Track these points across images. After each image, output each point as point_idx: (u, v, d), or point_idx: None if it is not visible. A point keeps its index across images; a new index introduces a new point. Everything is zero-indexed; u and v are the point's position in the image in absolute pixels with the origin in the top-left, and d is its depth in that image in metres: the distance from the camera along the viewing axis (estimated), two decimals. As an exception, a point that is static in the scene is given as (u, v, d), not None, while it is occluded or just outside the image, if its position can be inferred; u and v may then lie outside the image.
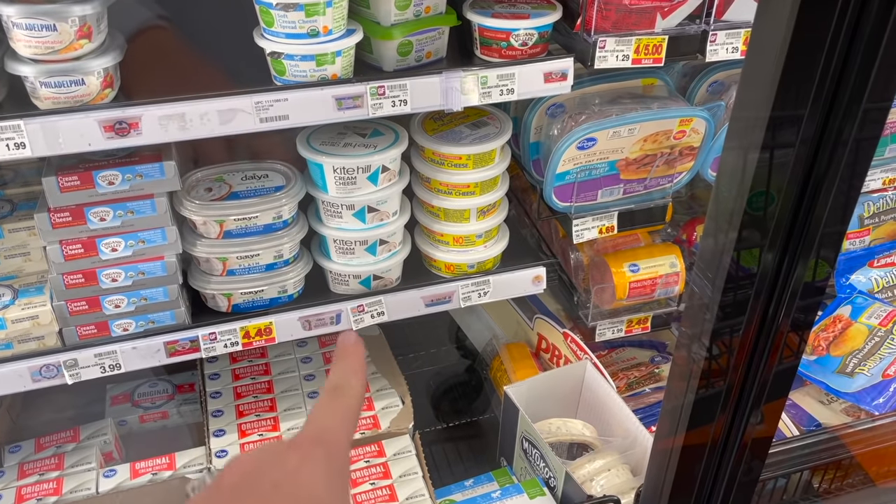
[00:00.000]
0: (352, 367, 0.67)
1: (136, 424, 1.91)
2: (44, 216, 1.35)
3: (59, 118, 1.22)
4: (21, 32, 1.19)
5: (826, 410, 1.79)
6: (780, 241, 0.87)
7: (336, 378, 0.66)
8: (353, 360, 0.68)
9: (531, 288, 1.73)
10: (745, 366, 0.97)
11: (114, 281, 1.42)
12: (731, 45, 1.45)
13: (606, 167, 1.60)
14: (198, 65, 1.45)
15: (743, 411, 1.01)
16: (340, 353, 0.69)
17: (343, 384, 0.66)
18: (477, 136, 1.55)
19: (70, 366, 1.44)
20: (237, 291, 1.52)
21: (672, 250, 1.81)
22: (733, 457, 1.06)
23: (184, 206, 1.44)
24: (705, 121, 1.57)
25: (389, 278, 1.64)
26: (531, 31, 1.41)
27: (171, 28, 1.49)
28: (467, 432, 2.04)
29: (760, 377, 0.98)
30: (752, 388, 0.99)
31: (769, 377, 0.99)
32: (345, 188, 1.48)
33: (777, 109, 0.78)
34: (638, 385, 1.94)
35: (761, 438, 1.06)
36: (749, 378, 0.98)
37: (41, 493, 1.54)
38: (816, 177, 0.84)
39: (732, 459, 1.07)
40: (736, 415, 1.02)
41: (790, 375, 1.01)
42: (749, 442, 1.05)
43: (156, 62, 1.41)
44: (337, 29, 1.31)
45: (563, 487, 1.51)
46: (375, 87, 1.34)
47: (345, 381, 0.66)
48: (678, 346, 1.02)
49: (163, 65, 1.42)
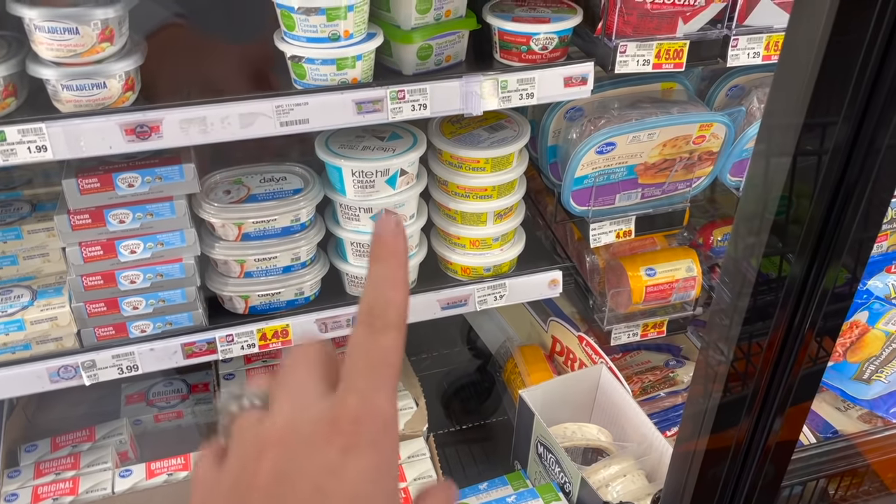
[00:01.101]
0: (391, 275, 0.47)
1: (151, 424, 1.91)
2: (63, 218, 1.35)
3: (80, 121, 1.22)
4: (43, 35, 1.19)
5: (843, 417, 1.78)
6: (809, 248, 0.87)
7: (371, 297, 0.46)
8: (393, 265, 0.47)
9: (547, 292, 1.72)
10: (772, 370, 0.97)
11: (132, 283, 1.42)
12: (753, 50, 1.45)
13: (625, 171, 1.59)
14: (218, 68, 1.45)
15: (768, 415, 1.01)
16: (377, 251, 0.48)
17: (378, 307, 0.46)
18: (495, 139, 1.55)
19: (88, 367, 1.45)
20: (254, 293, 1.52)
21: (689, 254, 1.80)
22: (756, 461, 1.06)
23: (202, 209, 1.44)
24: (725, 126, 1.56)
25: (406, 281, 1.64)
26: (551, 36, 1.40)
27: (191, 31, 1.49)
28: (480, 434, 2.03)
29: (786, 381, 0.98)
30: (777, 392, 0.99)
31: (795, 382, 0.98)
32: (363, 191, 1.48)
33: (810, 116, 0.78)
34: (653, 389, 1.93)
35: (785, 443, 1.05)
36: (775, 382, 0.98)
37: (57, 493, 1.54)
38: (848, 184, 0.83)
39: (755, 464, 1.06)
40: (760, 418, 1.01)
41: (816, 379, 1.01)
42: (773, 446, 1.04)
43: (176, 66, 1.41)
44: (358, 33, 1.31)
45: (578, 493, 1.51)
46: (395, 91, 1.33)
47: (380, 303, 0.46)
48: (703, 350, 1.01)
49: (183, 68, 1.42)
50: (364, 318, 0.46)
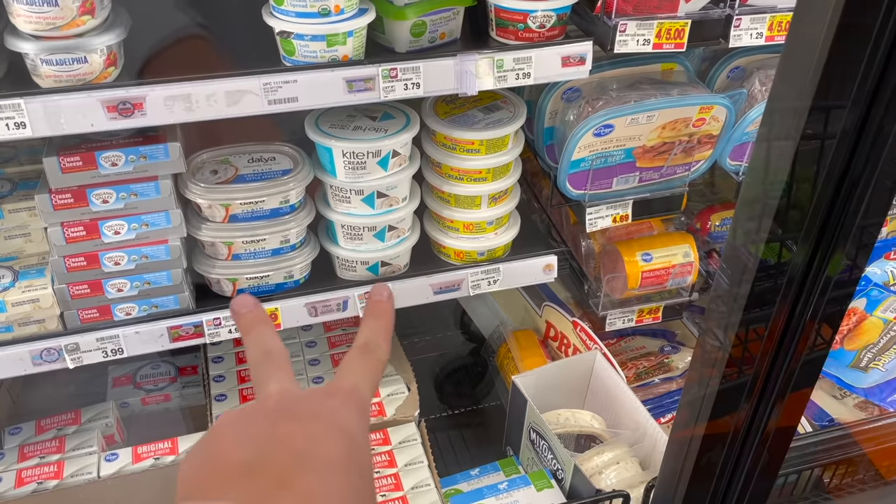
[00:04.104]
0: (382, 326, 0.69)
1: (138, 406, 1.88)
2: (45, 197, 1.31)
3: (60, 97, 1.18)
4: (21, 7, 1.14)
5: (839, 405, 1.77)
6: (813, 233, 0.84)
7: (367, 335, 0.68)
8: (384, 320, 0.69)
9: (542, 276, 1.70)
10: (773, 355, 0.95)
11: (116, 264, 1.39)
12: (756, 31, 1.41)
13: (623, 155, 1.56)
14: (204, 44, 1.40)
15: (768, 400, 0.99)
16: (372, 310, 0.70)
17: (372, 343, 0.67)
18: (490, 120, 1.51)
19: (71, 350, 1.41)
20: (242, 276, 1.49)
21: (686, 239, 1.77)
22: (755, 447, 1.04)
23: (189, 189, 1.40)
24: (726, 108, 1.52)
25: (398, 265, 1.61)
26: (549, 13, 1.36)
27: (176, 4, 1.45)
28: (472, 419, 2.02)
29: (788, 367, 0.96)
30: (778, 378, 0.97)
31: (796, 368, 0.97)
32: (354, 173, 1.44)
33: (818, 99, 0.75)
34: (647, 375, 1.91)
35: (784, 429, 1.04)
36: (775, 368, 0.97)
37: (42, 477, 1.51)
38: (854, 170, 0.80)
39: (754, 451, 1.04)
40: (760, 404, 1.00)
41: (818, 366, 0.99)
42: (772, 432, 1.03)
43: (160, 40, 1.37)
44: (349, 8, 1.26)
45: (570, 480, 1.49)
46: (388, 69, 1.29)
47: (374, 340, 0.67)
48: (703, 334, 0.99)
49: (168, 43, 1.37)
50: (360, 345, 0.67)
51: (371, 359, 0.66)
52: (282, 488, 0.51)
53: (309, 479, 0.52)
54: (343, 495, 0.53)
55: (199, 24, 1.43)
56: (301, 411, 0.58)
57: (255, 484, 0.51)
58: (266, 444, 0.54)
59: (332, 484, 0.53)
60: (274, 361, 0.64)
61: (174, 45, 1.38)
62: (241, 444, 0.55)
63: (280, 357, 0.64)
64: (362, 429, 0.60)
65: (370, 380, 0.65)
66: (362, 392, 0.63)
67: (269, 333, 0.66)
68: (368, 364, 0.66)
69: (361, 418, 0.60)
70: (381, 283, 0.76)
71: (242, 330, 0.67)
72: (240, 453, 0.54)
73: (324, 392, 0.61)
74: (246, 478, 0.52)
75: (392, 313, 0.70)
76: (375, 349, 0.67)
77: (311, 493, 0.51)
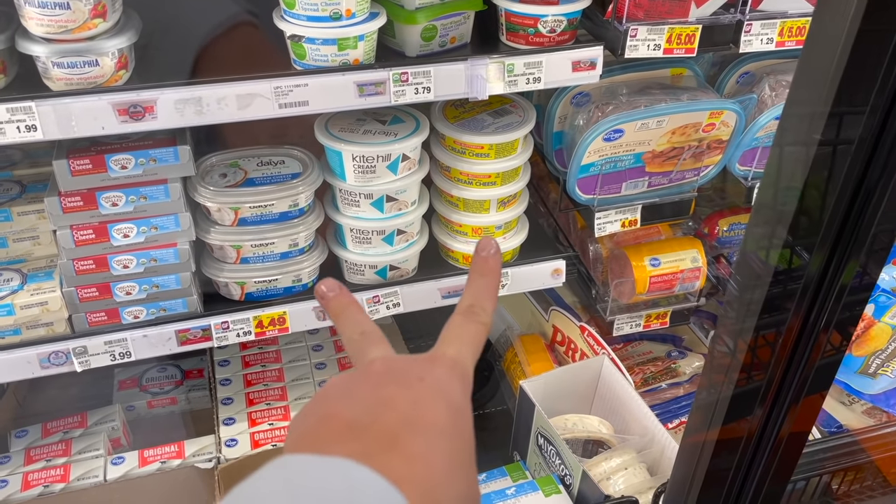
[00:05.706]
0: (489, 285, 0.65)
1: (144, 410, 1.88)
2: (54, 200, 1.31)
3: (71, 100, 1.18)
4: (33, 10, 1.14)
5: (847, 411, 1.76)
6: (830, 239, 0.84)
7: (472, 297, 0.64)
8: (490, 278, 0.65)
9: (550, 281, 1.69)
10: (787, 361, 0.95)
11: (125, 268, 1.39)
12: (766, 36, 1.40)
13: (632, 159, 1.55)
14: (215, 47, 1.40)
15: (782, 405, 0.99)
16: (478, 267, 0.66)
17: (477, 306, 0.64)
18: (500, 124, 1.51)
19: (79, 353, 1.41)
20: (251, 280, 1.48)
21: (694, 244, 1.77)
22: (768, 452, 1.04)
23: (198, 193, 1.40)
24: (736, 114, 1.52)
25: (406, 269, 1.60)
26: (560, 18, 1.36)
27: (187, 8, 1.44)
28: (479, 424, 1.98)
29: (801, 373, 0.96)
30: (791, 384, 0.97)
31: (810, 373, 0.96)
32: (364, 177, 1.44)
33: (836, 105, 0.74)
34: (654, 380, 1.90)
35: (797, 434, 1.03)
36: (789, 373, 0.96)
37: (48, 480, 1.51)
38: (871, 177, 0.80)
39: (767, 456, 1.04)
40: (773, 409, 0.99)
41: (832, 371, 0.99)
42: (785, 437, 1.02)
43: (172, 44, 1.37)
44: (360, 12, 1.26)
45: (579, 486, 1.48)
46: (398, 73, 1.29)
47: (479, 303, 0.64)
48: (716, 339, 0.99)
49: (179, 46, 1.37)
50: (464, 309, 0.64)
51: (475, 324, 0.63)
52: (390, 449, 0.51)
53: (416, 441, 0.52)
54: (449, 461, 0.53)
55: (210, 27, 1.43)
56: (406, 377, 0.58)
57: (363, 442, 0.52)
58: (374, 406, 0.55)
59: (438, 449, 0.53)
60: (371, 337, 0.63)
61: (184, 48, 1.37)
62: (349, 405, 0.55)
63: (376, 334, 0.64)
64: (465, 398, 0.59)
65: (473, 348, 0.62)
66: (465, 361, 0.61)
67: (361, 314, 0.65)
68: (472, 330, 0.63)
69: (464, 387, 0.60)
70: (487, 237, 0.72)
71: (332, 314, 0.66)
72: (348, 412, 0.54)
73: (427, 360, 0.60)
74: (354, 436, 0.52)
75: (499, 271, 0.67)
76: (480, 313, 0.64)
77: (418, 455, 0.51)
